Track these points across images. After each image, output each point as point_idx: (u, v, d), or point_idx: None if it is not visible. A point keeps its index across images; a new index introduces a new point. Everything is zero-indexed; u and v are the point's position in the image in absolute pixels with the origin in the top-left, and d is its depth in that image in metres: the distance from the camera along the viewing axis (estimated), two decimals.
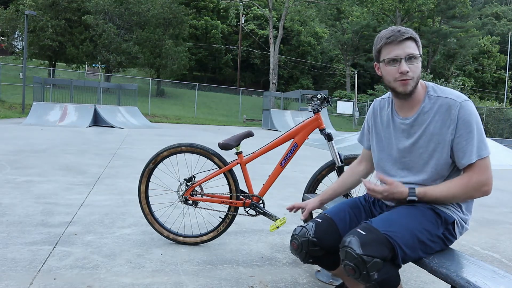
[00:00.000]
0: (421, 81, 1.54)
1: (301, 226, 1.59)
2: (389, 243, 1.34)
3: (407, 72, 1.44)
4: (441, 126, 1.47)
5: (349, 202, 1.69)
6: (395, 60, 1.46)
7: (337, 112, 30.00)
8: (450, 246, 1.56)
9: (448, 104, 1.46)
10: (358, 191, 2.30)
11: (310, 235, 1.53)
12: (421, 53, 1.48)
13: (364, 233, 1.35)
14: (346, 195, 2.45)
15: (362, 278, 1.31)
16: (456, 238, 1.53)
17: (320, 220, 1.58)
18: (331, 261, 1.62)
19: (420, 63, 1.48)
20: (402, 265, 1.45)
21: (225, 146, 2.43)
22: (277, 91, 30.86)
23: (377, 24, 37.91)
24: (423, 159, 1.52)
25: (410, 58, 1.45)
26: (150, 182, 2.59)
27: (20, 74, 24.98)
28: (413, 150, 1.54)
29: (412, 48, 1.45)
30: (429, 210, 1.48)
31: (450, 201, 1.49)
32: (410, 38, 1.45)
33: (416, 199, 1.49)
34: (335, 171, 2.47)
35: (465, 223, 1.54)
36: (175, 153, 2.52)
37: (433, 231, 1.44)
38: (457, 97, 1.46)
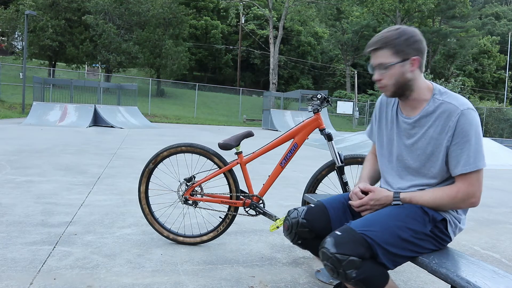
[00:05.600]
0: (428, 82, 1.53)
1: (294, 208, 1.67)
2: (366, 242, 1.36)
3: (379, 80, 1.50)
4: (440, 131, 1.46)
5: (346, 195, 1.73)
6: (373, 68, 1.52)
7: (337, 112, 30.01)
8: (450, 246, 1.55)
9: (449, 110, 1.44)
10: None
11: (300, 216, 1.62)
12: (399, 60, 1.44)
13: (340, 233, 1.38)
14: (345, 190, 2.44)
15: (340, 277, 1.34)
16: (450, 238, 1.52)
17: (312, 205, 1.67)
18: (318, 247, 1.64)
19: (396, 69, 1.45)
20: (398, 266, 1.46)
21: (225, 146, 2.42)
22: (277, 91, 30.87)
23: (377, 24, 37.88)
24: (420, 161, 1.53)
25: (380, 67, 1.48)
26: (150, 182, 2.58)
27: (20, 74, 24.99)
28: (411, 151, 1.55)
29: (382, 57, 1.46)
30: (416, 208, 1.48)
31: (436, 209, 1.48)
32: (380, 48, 1.46)
33: (401, 203, 1.52)
34: (335, 171, 2.47)
35: (459, 222, 1.53)
36: (175, 153, 2.52)
37: (419, 229, 1.44)
38: (461, 104, 1.43)
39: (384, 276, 1.40)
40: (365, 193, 1.60)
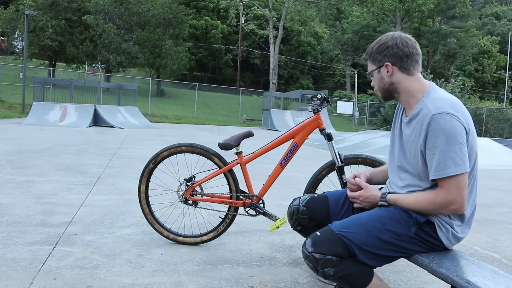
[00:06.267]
0: (425, 82, 1.53)
1: (299, 196, 1.84)
2: (343, 242, 1.42)
3: (373, 86, 1.63)
4: (418, 135, 1.46)
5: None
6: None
7: (337, 112, 30.02)
8: None
9: (424, 115, 1.43)
10: None
11: (301, 204, 1.78)
12: (375, 67, 1.57)
13: (319, 234, 1.46)
14: (345, 185, 2.44)
15: (320, 274, 1.43)
16: (441, 242, 1.48)
17: (315, 195, 1.79)
18: None
19: (376, 76, 1.59)
20: (385, 264, 1.50)
21: (225, 146, 2.42)
22: (277, 91, 30.87)
23: (377, 24, 37.88)
24: (410, 162, 1.54)
25: (369, 75, 1.64)
26: (150, 182, 2.59)
27: (20, 74, 24.99)
28: (404, 151, 1.57)
29: (368, 66, 1.62)
30: (401, 211, 1.50)
31: (420, 212, 1.48)
32: (366, 59, 1.62)
33: (386, 205, 1.55)
34: (335, 171, 2.47)
35: (452, 227, 1.48)
36: (175, 153, 2.52)
37: (401, 232, 1.46)
38: (435, 108, 1.40)
39: (366, 273, 1.46)
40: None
